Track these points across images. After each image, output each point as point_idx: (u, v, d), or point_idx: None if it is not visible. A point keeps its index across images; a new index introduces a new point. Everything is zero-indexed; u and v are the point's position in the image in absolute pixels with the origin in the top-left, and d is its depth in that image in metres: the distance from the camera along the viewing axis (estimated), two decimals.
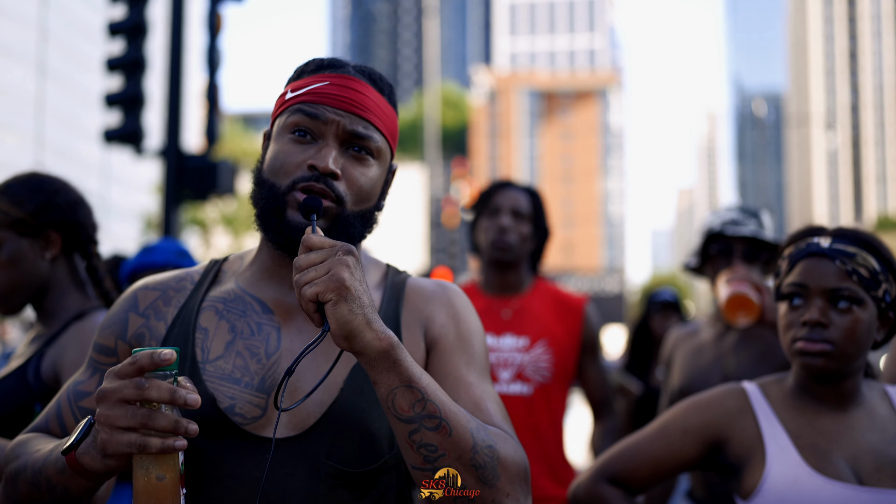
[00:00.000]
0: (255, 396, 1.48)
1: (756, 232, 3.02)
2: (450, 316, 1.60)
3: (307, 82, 1.55)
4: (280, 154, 1.52)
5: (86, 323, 2.04)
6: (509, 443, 1.42)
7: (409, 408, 1.31)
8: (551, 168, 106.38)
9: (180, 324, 1.55)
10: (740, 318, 2.86)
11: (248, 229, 37.12)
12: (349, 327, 1.27)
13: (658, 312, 5.65)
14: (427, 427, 1.31)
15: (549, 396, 3.26)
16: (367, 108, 1.53)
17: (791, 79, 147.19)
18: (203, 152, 9.32)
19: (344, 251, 1.31)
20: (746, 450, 1.88)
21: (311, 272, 1.29)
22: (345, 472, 1.46)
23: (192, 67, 27.53)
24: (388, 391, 1.31)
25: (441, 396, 1.34)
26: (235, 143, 40.09)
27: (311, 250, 1.32)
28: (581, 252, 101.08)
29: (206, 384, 1.48)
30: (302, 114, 1.51)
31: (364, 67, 1.59)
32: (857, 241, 1.88)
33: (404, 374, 1.31)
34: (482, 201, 3.46)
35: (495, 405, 1.51)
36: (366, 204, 1.55)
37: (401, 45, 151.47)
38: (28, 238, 2.09)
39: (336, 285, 1.27)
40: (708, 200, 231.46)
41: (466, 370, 1.54)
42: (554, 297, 3.43)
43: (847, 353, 1.83)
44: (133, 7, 9.00)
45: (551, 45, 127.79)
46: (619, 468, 1.98)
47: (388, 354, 1.30)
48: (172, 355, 1.22)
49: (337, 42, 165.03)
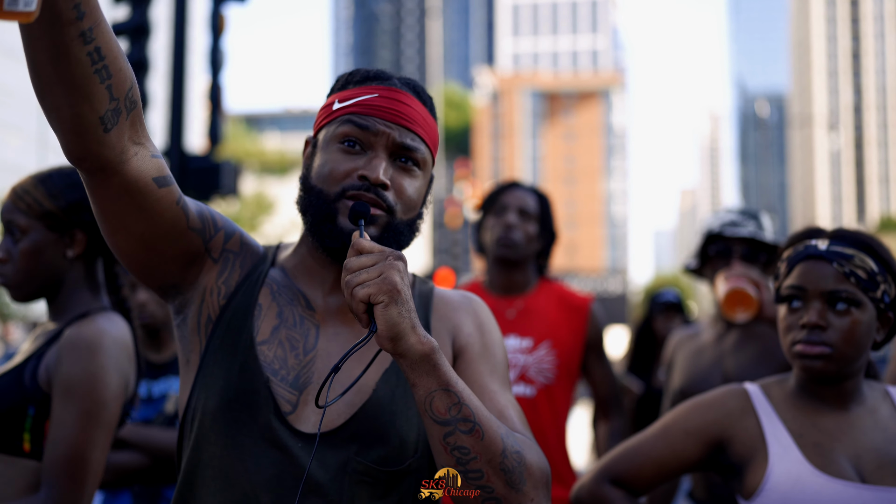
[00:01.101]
0: (289, 392, 1.51)
1: (755, 233, 3.03)
2: (476, 326, 1.65)
3: (355, 93, 1.58)
4: (329, 162, 1.55)
5: (83, 327, 2.01)
6: (534, 449, 1.46)
7: (446, 410, 1.35)
8: (554, 169, 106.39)
9: (247, 286, 1.59)
10: (739, 313, 2.87)
11: (251, 230, 37.15)
12: (397, 329, 1.31)
13: (661, 313, 5.65)
14: (462, 430, 1.36)
15: (552, 398, 3.26)
16: (414, 120, 1.57)
17: (794, 80, 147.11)
18: (206, 153, 9.32)
19: (395, 256, 1.35)
20: (749, 449, 1.89)
21: (362, 274, 1.32)
22: (372, 470, 1.48)
23: (196, 68, 27.55)
24: (426, 393, 1.35)
25: (475, 401, 1.39)
26: (238, 143, 40.12)
27: (360, 253, 1.36)
28: (584, 253, 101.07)
29: (262, 364, 1.52)
30: (352, 124, 1.55)
31: (408, 80, 1.63)
32: (855, 242, 1.88)
33: (442, 378, 1.35)
34: (490, 200, 3.46)
35: (516, 413, 1.55)
36: (412, 213, 1.59)
37: (404, 45, 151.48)
38: (55, 233, 2.08)
39: (388, 288, 1.31)
40: (711, 201, 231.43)
41: (490, 379, 1.59)
42: (559, 296, 3.42)
43: (846, 354, 1.83)
44: (136, 8, 9.01)
45: (554, 45, 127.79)
46: (621, 469, 1.98)
47: (429, 358, 1.34)
48: None
49: (340, 43, 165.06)
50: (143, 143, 1.41)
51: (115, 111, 1.32)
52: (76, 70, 1.25)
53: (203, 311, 1.57)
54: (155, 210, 1.46)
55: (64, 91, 1.27)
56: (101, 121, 1.31)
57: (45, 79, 1.27)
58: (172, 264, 1.55)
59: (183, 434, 1.57)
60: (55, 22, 1.20)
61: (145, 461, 2.81)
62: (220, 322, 1.56)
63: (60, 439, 1.89)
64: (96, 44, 1.25)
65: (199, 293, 1.58)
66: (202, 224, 1.56)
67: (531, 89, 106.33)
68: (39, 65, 1.25)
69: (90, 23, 1.23)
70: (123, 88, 1.32)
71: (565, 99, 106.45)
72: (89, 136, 1.32)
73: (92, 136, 1.32)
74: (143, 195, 1.43)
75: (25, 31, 1.22)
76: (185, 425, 1.56)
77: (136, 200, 1.43)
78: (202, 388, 1.53)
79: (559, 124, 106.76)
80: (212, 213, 1.59)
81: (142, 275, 1.56)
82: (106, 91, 1.29)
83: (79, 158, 1.36)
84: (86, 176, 1.40)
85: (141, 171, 1.41)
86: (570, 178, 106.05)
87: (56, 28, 1.20)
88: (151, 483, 2.89)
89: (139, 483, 2.89)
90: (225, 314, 1.56)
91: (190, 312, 1.59)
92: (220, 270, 1.59)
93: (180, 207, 1.50)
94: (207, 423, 1.50)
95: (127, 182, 1.40)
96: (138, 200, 1.43)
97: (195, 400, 1.54)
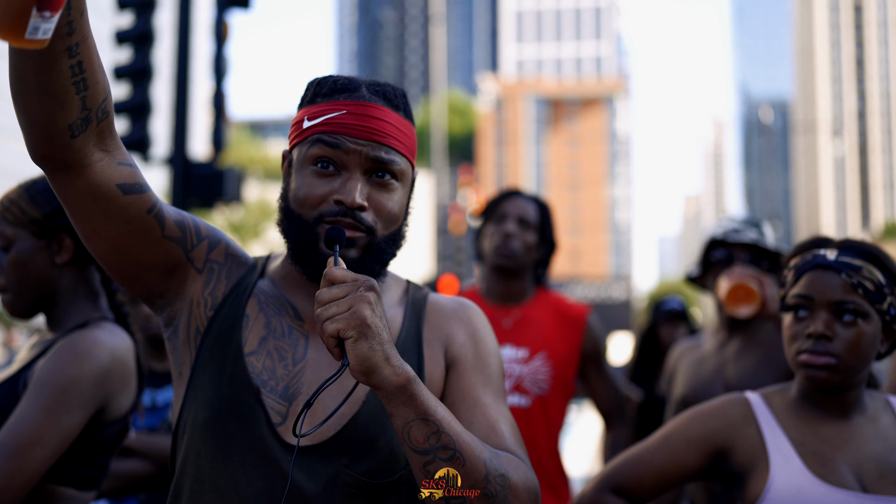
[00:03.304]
0: (278, 403, 1.50)
1: (757, 240, 3.05)
2: (469, 335, 1.63)
3: (323, 109, 1.55)
4: (304, 186, 1.53)
5: (77, 335, 1.99)
6: (521, 469, 1.45)
7: (425, 440, 1.34)
8: (558, 175, 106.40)
9: (234, 298, 1.58)
10: (742, 308, 2.88)
11: (255, 237, 37.20)
12: (368, 364, 1.30)
13: (665, 322, 5.62)
14: (441, 458, 1.35)
15: (546, 409, 3.24)
16: (387, 133, 1.54)
17: (798, 86, 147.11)
18: (210, 160, 9.34)
19: (366, 287, 1.34)
20: (750, 458, 1.89)
21: (332, 307, 1.32)
22: (362, 483, 1.47)
23: (199, 75, 27.59)
24: (403, 423, 1.34)
25: (456, 428, 1.37)
26: (242, 150, 40.16)
27: (332, 283, 1.35)
28: (588, 259, 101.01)
29: (251, 375, 1.52)
30: (323, 144, 1.52)
31: (378, 86, 1.58)
32: (863, 253, 1.88)
33: (420, 407, 1.34)
34: (489, 209, 3.44)
35: (509, 427, 1.54)
36: (394, 226, 1.57)
37: (408, 52, 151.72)
38: (41, 239, 2.06)
39: (357, 323, 1.30)
40: (715, 207, 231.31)
41: (483, 391, 1.57)
42: (556, 307, 3.40)
43: (851, 366, 1.83)
44: (140, 15, 9.04)
45: (558, 52, 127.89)
46: (622, 478, 1.98)
47: (404, 389, 1.33)
48: None
49: (344, 49, 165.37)
50: (109, 151, 1.44)
51: (85, 120, 1.35)
52: (56, 80, 1.28)
53: (192, 324, 1.57)
54: (122, 216, 1.46)
55: (40, 98, 1.30)
56: (70, 127, 1.34)
57: (24, 85, 1.30)
58: (152, 272, 1.54)
59: (175, 446, 1.57)
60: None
61: (151, 469, 2.82)
62: (208, 334, 1.55)
63: (15, 424, 1.84)
64: (80, 58, 1.28)
65: (187, 305, 1.57)
66: (182, 233, 1.55)
67: (535, 96, 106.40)
68: (22, 72, 1.29)
69: (78, 38, 1.26)
70: (97, 100, 1.35)
71: (569, 105, 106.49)
72: (55, 140, 1.35)
73: (58, 140, 1.35)
74: (107, 200, 1.44)
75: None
76: (177, 438, 1.56)
77: (100, 205, 1.44)
78: (192, 400, 1.52)
79: (563, 131, 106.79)
80: (196, 223, 1.59)
81: (124, 282, 1.57)
82: (80, 101, 1.32)
83: (42, 157, 1.39)
84: (49, 175, 1.43)
85: (104, 177, 1.43)
86: (573, 184, 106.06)
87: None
88: (157, 491, 2.89)
89: (145, 491, 2.89)
90: (213, 326, 1.55)
91: (180, 325, 1.58)
92: (206, 281, 1.58)
93: (152, 216, 1.50)
94: (198, 436, 1.50)
95: (89, 185, 1.42)
96: (102, 205, 1.44)
97: (186, 412, 1.53)
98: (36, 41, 1.10)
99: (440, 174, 55.52)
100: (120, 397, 2.02)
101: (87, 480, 2.04)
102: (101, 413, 1.99)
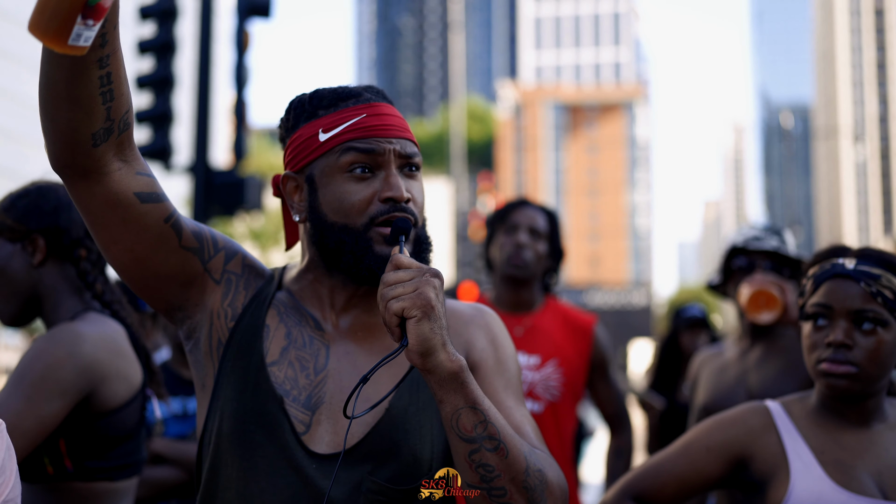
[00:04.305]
0: (301, 412, 1.52)
1: (779, 247, 3.06)
2: (489, 340, 1.64)
3: (338, 118, 1.57)
4: (344, 194, 1.54)
5: (58, 328, 2.00)
6: (554, 467, 1.49)
7: (472, 428, 1.37)
8: (577, 181, 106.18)
9: (254, 308, 1.60)
10: (764, 314, 2.89)
11: (276, 244, 37.30)
12: (428, 345, 1.33)
13: (687, 329, 5.61)
14: (487, 448, 1.37)
15: (557, 414, 3.29)
16: (405, 128, 1.60)
17: (818, 90, 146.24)
18: (231, 168, 9.41)
19: (432, 273, 1.37)
20: (770, 466, 1.90)
21: (398, 288, 1.34)
22: (386, 489, 1.48)
23: (221, 84, 27.76)
24: (453, 410, 1.37)
25: (500, 420, 1.40)
26: (263, 158, 40.30)
27: (398, 268, 1.38)
28: (608, 265, 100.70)
29: (274, 385, 1.53)
30: (356, 151, 1.54)
31: (370, 88, 1.64)
32: (882, 262, 1.89)
33: (469, 395, 1.36)
34: (499, 218, 3.47)
35: (533, 429, 1.56)
36: (424, 217, 1.62)
37: (426, 59, 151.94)
38: (16, 244, 2.09)
39: (423, 303, 1.33)
40: (735, 213, 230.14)
41: (505, 394, 1.58)
42: (564, 316, 3.46)
43: (871, 374, 1.84)
44: (162, 25, 9.12)
45: (577, 58, 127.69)
46: (644, 486, 1.99)
47: (457, 376, 1.35)
48: None
49: (363, 57, 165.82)
50: (128, 162, 1.48)
51: (108, 130, 1.39)
52: (84, 90, 1.33)
53: (213, 335, 1.59)
54: (139, 224, 1.50)
55: (68, 106, 1.34)
56: (93, 136, 1.38)
57: (54, 93, 1.34)
58: (170, 283, 1.57)
59: (201, 456, 1.58)
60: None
61: (182, 476, 2.85)
62: (230, 345, 1.57)
63: None
64: (109, 69, 1.33)
65: (207, 316, 1.59)
66: (199, 244, 1.58)
67: (554, 102, 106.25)
68: (54, 80, 1.33)
69: (109, 50, 1.31)
70: (121, 111, 1.40)
71: (588, 111, 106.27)
72: (78, 148, 1.39)
73: (80, 148, 1.39)
74: (125, 208, 1.48)
75: (50, 50, 1.29)
76: (203, 449, 1.57)
77: (119, 213, 1.48)
78: (217, 410, 1.54)
79: (582, 137, 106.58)
80: (212, 234, 1.61)
81: (145, 294, 1.59)
82: (105, 111, 1.37)
83: (63, 166, 1.43)
84: (68, 184, 1.46)
85: (122, 185, 1.46)
86: (593, 190, 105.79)
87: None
88: (188, 498, 2.92)
89: (176, 498, 2.92)
90: (234, 337, 1.57)
91: (201, 336, 1.60)
92: (224, 292, 1.60)
93: (169, 225, 1.53)
94: (224, 446, 1.52)
95: (107, 193, 1.46)
96: (120, 213, 1.48)
97: (211, 423, 1.55)
98: (77, 48, 1.14)
99: (459, 181, 55.49)
100: (112, 384, 2.00)
101: (117, 471, 2.03)
102: (91, 402, 1.97)
